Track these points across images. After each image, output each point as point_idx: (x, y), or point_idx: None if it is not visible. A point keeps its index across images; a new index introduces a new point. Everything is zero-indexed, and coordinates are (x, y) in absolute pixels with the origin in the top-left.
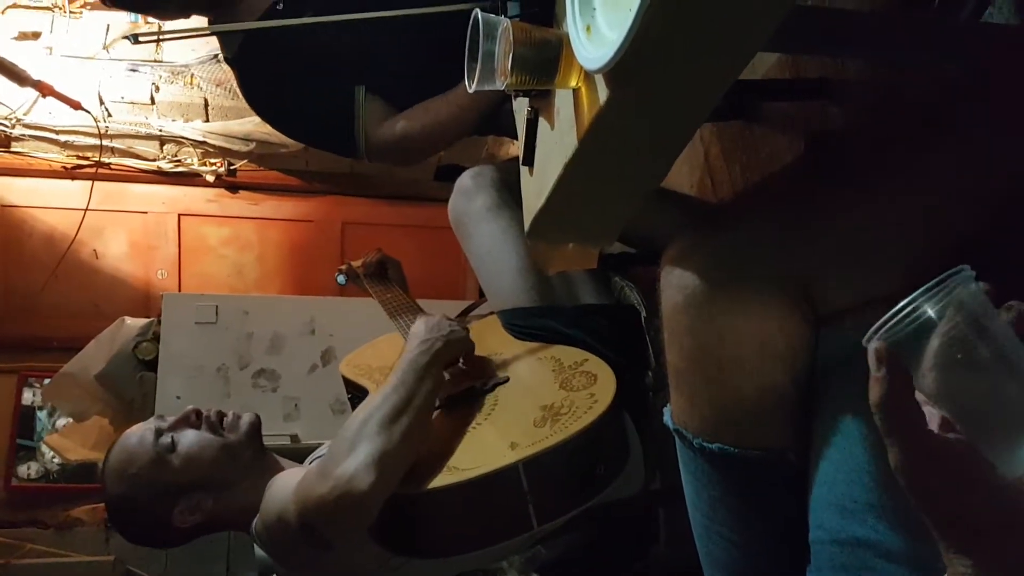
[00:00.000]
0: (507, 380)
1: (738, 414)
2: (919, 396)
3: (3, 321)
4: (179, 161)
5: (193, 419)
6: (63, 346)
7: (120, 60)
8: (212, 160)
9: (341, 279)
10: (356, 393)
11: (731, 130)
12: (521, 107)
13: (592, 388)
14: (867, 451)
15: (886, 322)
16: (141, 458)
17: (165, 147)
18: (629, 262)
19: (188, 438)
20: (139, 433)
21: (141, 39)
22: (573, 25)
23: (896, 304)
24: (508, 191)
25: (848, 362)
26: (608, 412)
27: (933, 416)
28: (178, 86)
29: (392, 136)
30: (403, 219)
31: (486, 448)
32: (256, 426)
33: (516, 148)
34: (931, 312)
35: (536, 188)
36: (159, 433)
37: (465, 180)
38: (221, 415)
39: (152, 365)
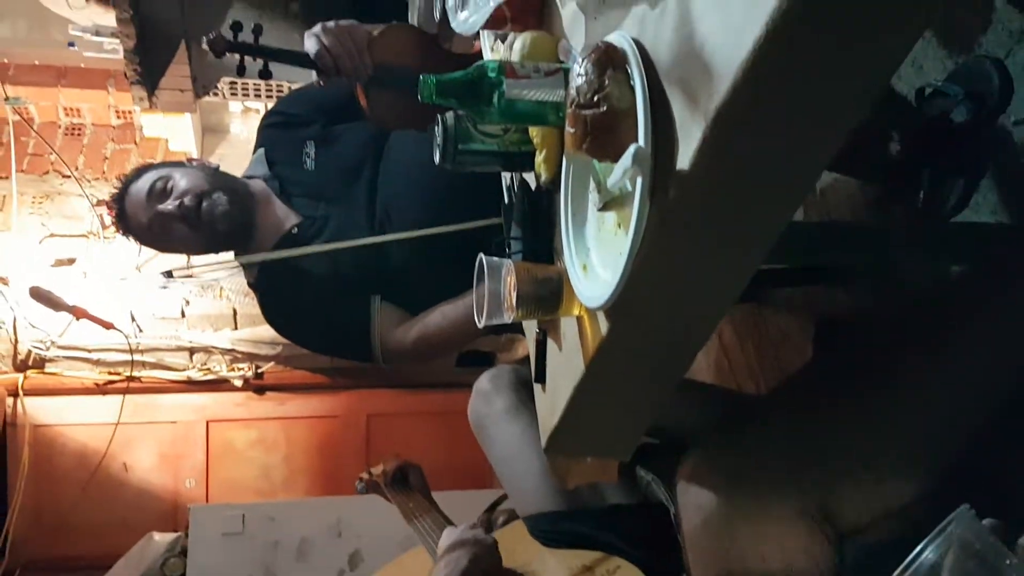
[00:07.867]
0: None
1: None
2: None
3: (33, 542)
4: (208, 369)
5: None
6: (92, 564)
7: (152, 280)
8: (240, 365)
9: (361, 487)
10: None
11: (741, 311)
12: (530, 327)
13: None
14: None
15: (904, 569)
16: None
17: (195, 356)
18: (652, 455)
19: None
20: None
21: (175, 274)
22: (571, 263)
23: (910, 515)
24: (527, 391)
25: (872, 573)
26: None
27: None
28: (208, 299)
29: (407, 340)
30: (427, 407)
31: None
32: None
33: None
34: (936, 557)
35: (549, 405)
36: None
37: (483, 383)
38: None
39: None
